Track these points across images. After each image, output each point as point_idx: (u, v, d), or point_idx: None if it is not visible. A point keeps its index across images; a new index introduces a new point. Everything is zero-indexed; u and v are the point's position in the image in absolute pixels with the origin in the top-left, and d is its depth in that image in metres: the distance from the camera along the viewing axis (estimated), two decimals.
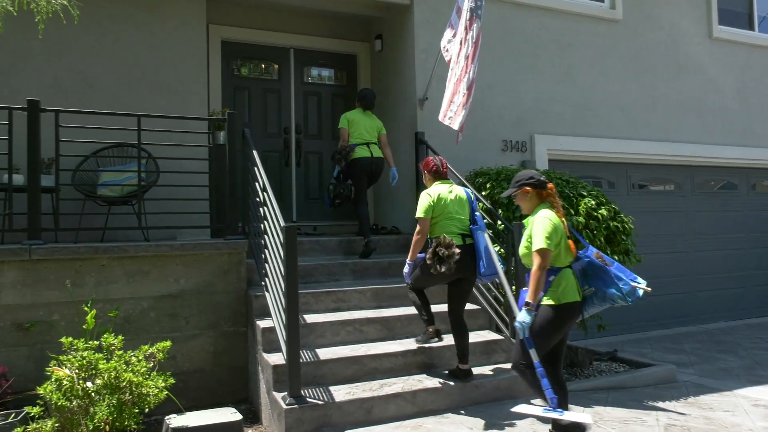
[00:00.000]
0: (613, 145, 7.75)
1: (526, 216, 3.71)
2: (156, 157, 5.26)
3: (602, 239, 5.19)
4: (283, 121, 7.22)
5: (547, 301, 3.47)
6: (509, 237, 4.77)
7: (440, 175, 4.55)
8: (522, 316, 3.44)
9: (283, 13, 7.14)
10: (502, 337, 4.86)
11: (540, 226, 3.48)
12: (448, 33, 5.86)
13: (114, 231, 5.40)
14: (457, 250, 4.08)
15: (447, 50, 5.87)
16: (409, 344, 4.57)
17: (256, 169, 4.82)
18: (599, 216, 5.28)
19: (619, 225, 5.39)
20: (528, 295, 3.44)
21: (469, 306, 5.16)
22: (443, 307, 4.69)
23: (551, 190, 3.67)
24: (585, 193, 5.48)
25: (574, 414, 3.46)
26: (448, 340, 4.67)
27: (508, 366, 4.64)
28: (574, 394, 4.69)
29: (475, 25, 5.25)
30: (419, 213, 4.29)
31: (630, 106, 7.95)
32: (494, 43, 7.04)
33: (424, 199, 4.32)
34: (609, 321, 5.85)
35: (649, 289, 3.54)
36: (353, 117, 6.07)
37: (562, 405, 3.49)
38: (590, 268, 3.62)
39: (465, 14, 5.32)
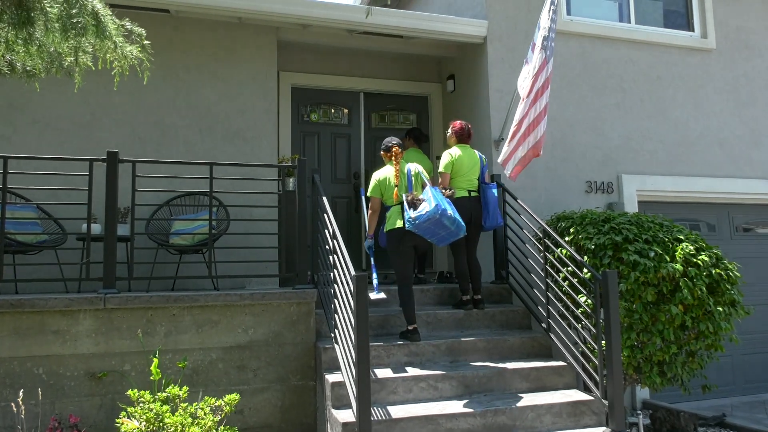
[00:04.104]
0: (712, 185, 7.41)
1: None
2: (226, 205, 5.50)
3: (703, 288, 4.89)
4: (352, 165, 7.39)
5: (385, 229, 5.06)
6: (596, 286, 4.59)
7: (463, 139, 5.64)
8: (366, 243, 5.31)
9: (353, 57, 7.40)
10: (592, 398, 4.63)
11: (371, 181, 5.14)
12: (524, 71, 5.86)
13: (184, 280, 5.63)
14: (451, 193, 5.09)
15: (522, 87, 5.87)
16: (489, 402, 4.44)
17: (325, 215, 4.93)
18: (699, 262, 5.01)
19: (722, 272, 5.08)
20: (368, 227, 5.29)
21: (553, 363, 4.98)
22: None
23: (394, 153, 5.11)
24: (682, 237, 5.22)
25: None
26: (527, 400, 4.51)
27: (600, 430, 4.40)
28: None
29: (544, 71, 5.32)
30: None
31: (729, 141, 7.61)
32: (575, 78, 6.98)
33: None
34: (715, 381, 5.46)
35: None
36: (409, 157, 6.49)
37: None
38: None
39: (538, 56, 5.37)
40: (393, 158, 5.14)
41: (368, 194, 5.18)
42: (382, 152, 5.26)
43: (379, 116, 7.65)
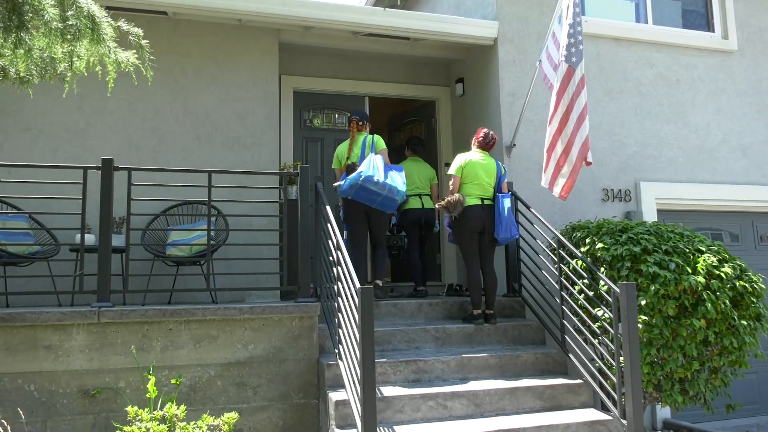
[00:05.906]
0: (735, 192, 7.38)
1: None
2: (225, 214, 5.51)
3: (727, 302, 4.86)
4: None
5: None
6: (614, 299, 4.57)
7: (482, 146, 5.73)
8: (335, 184, 5.85)
9: (357, 60, 7.43)
10: (610, 417, 4.60)
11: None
12: (546, 67, 5.84)
13: (182, 293, 5.64)
14: (460, 198, 5.39)
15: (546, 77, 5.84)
16: (501, 423, 4.41)
17: (329, 225, 4.93)
18: (722, 275, 4.98)
19: (746, 285, 5.05)
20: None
21: (569, 380, 4.95)
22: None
23: (350, 127, 5.88)
24: (704, 248, 5.20)
25: None
26: (541, 420, 4.48)
27: None
28: None
29: (575, 76, 5.30)
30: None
31: (753, 147, 7.59)
32: (589, 81, 6.97)
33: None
34: (739, 400, 5.42)
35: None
36: (407, 167, 6.52)
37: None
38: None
39: (562, 69, 5.36)
40: (350, 131, 5.86)
41: (332, 166, 6.01)
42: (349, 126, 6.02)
43: (386, 120, 7.66)
